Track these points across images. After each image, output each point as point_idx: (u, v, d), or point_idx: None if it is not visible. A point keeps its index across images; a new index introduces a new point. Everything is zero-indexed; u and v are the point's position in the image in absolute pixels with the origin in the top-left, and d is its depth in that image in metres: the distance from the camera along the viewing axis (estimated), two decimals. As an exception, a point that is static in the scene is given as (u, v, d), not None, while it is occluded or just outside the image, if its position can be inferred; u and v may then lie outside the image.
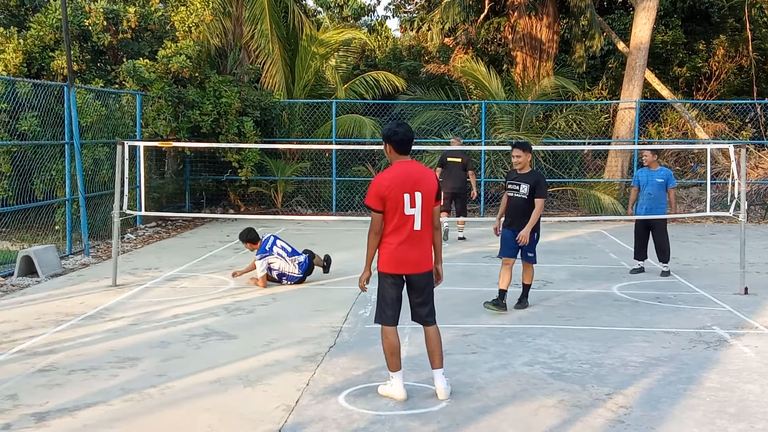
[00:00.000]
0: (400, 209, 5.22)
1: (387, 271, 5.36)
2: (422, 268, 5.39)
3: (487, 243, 13.33)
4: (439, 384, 5.46)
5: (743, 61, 23.10)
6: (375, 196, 5.21)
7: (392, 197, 5.19)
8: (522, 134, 17.63)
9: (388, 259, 5.33)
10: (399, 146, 5.32)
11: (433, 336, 5.49)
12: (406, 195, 5.21)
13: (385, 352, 5.42)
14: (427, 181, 5.31)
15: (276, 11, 19.17)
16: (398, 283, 5.41)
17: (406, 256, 5.30)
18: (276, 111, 17.69)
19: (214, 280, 9.85)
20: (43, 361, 6.35)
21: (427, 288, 5.47)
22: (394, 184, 5.20)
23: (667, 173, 10.26)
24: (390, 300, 5.39)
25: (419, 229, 5.28)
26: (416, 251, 5.32)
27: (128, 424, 5.00)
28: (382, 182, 5.23)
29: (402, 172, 5.26)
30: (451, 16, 21.56)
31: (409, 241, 5.28)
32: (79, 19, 15.19)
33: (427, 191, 5.28)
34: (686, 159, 20.04)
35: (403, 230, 5.26)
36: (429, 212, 5.34)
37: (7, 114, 11.87)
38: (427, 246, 5.39)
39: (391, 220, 5.26)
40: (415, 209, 5.24)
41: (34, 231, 12.25)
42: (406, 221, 5.25)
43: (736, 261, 9.79)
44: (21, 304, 8.54)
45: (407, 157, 5.38)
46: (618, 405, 5.36)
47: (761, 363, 6.35)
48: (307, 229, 15.19)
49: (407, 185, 5.22)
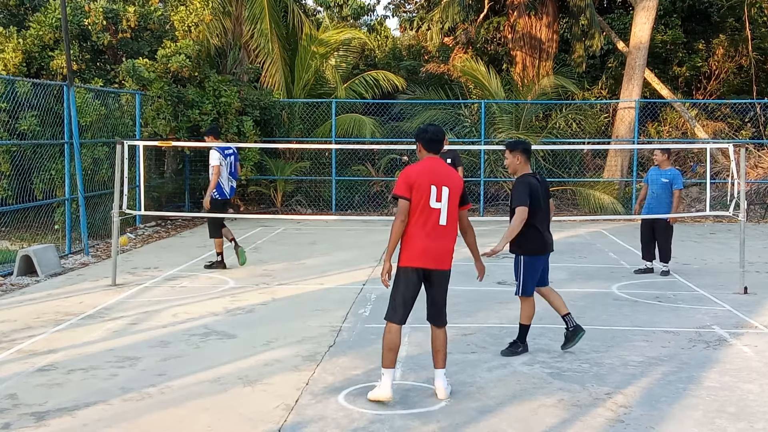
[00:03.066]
0: (425, 199, 5.28)
1: (409, 265, 5.36)
2: (442, 265, 5.41)
3: (487, 243, 13.30)
4: (439, 383, 5.47)
5: (743, 60, 23.10)
6: (403, 184, 5.34)
7: (419, 186, 5.28)
8: (521, 134, 17.62)
9: (412, 251, 5.34)
10: (428, 144, 5.48)
11: (441, 336, 5.50)
12: (433, 187, 5.30)
13: (384, 346, 5.38)
14: (454, 179, 5.42)
15: (276, 11, 19.16)
16: (416, 280, 5.40)
17: (429, 248, 5.32)
18: (275, 110, 17.69)
19: (214, 280, 9.85)
20: (42, 360, 6.35)
21: (444, 286, 5.50)
22: (422, 175, 5.32)
23: (673, 174, 10.12)
24: (405, 298, 5.39)
25: (444, 225, 5.34)
26: (439, 246, 5.35)
27: (128, 423, 5.00)
28: (410, 172, 5.37)
29: (430, 167, 5.40)
30: (451, 16, 21.55)
31: (433, 234, 5.32)
32: (79, 19, 15.18)
33: (453, 188, 5.38)
34: (686, 158, 20.04)
35: (428, 223, 5.32)
36: (455, 210, 5.40)
37: (6, 113, 11.86)
38: (450, 245, 5.42)
39: (415, 210, 5.31)
40: (441, 203, 5.32)
41: (34, 230, 12.25)
42: (431, 214, 5.30)
43: (736, 260, 9.79)
44: (20, 303, 8.54)
45: (437, 156, 5.50)
46: (618, 404, 5.35)
47: (761, 362, 6.36)
48: (306, 228, 15.19)
49: (435, 178, 5.32)
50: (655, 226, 10.16)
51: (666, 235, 10.15)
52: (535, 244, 6.43)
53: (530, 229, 6.34)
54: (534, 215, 6.33)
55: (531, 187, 6.35)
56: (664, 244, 10.13)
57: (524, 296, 6.53)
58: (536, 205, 6.34)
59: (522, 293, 6.52)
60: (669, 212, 10.05)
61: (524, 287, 6.50)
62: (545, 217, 6.52)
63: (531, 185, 6.37)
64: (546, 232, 6.50)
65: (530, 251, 6.45)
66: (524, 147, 6.53)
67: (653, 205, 10.19)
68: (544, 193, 6.54)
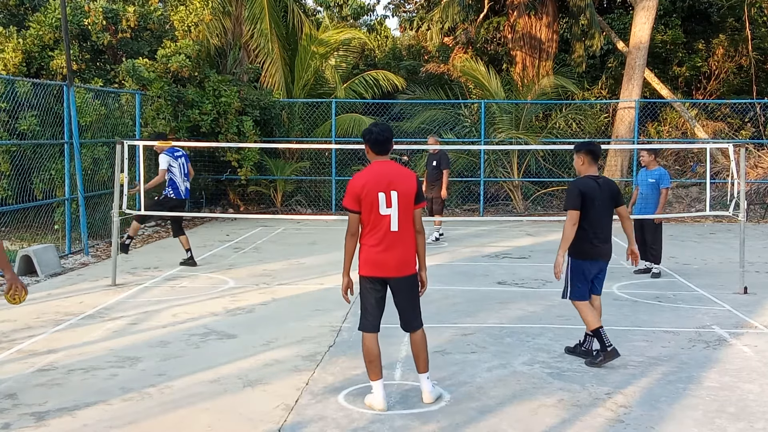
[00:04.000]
0: (375, 209, 5.09)
1: (365, 274, 5.21)
2: (403, 272, 5.20)
3: (487, 242, 13.34)
4: (423, 387, 5.35)
5: (743, 60, 23.09)
6: (350, 196, 5.15)
7: (367, 196, 5.09)
8: (521, 134, 17.63)
9: (365, 262, 5.20)
10: (374, 146, 5.23)
11: (418, 340, 5.33)
12: (381, 194, 5.08)
13: (364, 359, 5.29)
14: (404, 181, 5.16)
15: (275, 11, 19.17)
16: (378, 287, 5.24)
17: (384, 258, 5.14)
18: (275, 110, 17.70)
19: (214, 280, 9.85)
20: (42, 360, 6.35)
21: (411, 293, 5.29)
22: (369, 183, 5.10)
23: (660, 173, 10.09)
24: (369, 305, 5.25)
25: (396, 231, 5.12)
26: (395, 253, 5.14)
27: (127, 423, 5.00)
28: (356, 182, 5.15)
29: (377, 172, 5.16)
30: (451, 16, 21.55)
31: (385, 242, 5.12)
32: (79, 19, 15.18)
33: (404, 191, 5.13)
34: (686, 158, 20.04)
35: (379, 231, 5.12)
36: (407, 213, 5.16)
37: (6, 113, 11.86)
38: (408, 249, 5.20)
39: (367, 220, 5.13)
40: (391, 209, 5.10)
41: (34, 230, 12.25)
42: (382, 221, 5.11)
43: (736, 260, 9.79)
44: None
45: (385, 157, 5.27)
46: (618, 404, 5.35)
47: (761, 362, 6.36)
48: (306, 228, 15.19)
49: (382, 184, 5.10)
50: (644, 226, 10.12)
51: (655, 236, 10.09)
52: (583, 246, 6.19)
53: (580, 231, 6.15)
54: (585, 217, 6.13)
55: (583, 189, 6.13)
56: (653, 244, 10.05)
57: (573, 300, 6.30)
58: (589, 208, 6.12)
59: (568, 296, 6.32)
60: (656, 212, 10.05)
61: (570, 290, 6.29)
62: (601, 221, 6.20)
63: (584, 188, 6.14)
64: (599, 237, 6.20)
65: (577, 254, 6.23)
66: (588, 148, 6.29)
67: (641, 205, 10.21)
68: (607, 196, 6.22)
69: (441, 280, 9.58)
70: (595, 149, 6.33)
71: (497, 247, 12.76)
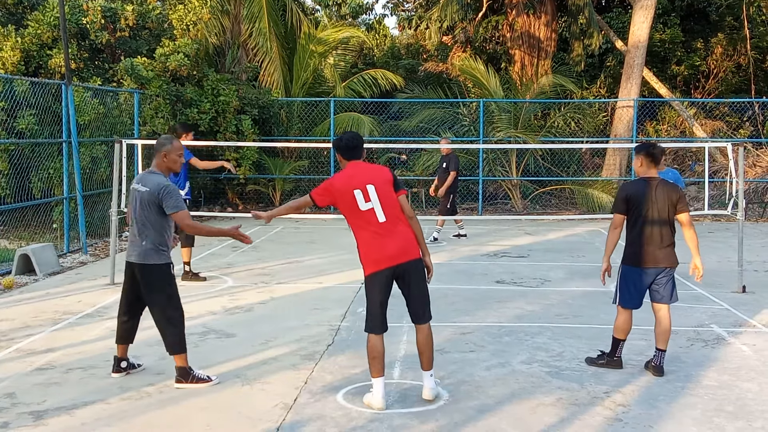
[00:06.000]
0: (354, 206, 5.18)
1: (371, 272, 5.19)
2: (406, 257, 5.20)
3: (485, 241, 13.34)
4: (425, 384, 5.34)
5: (741, 59, 23.10)
6: (321, 189, 5.31)
7: (342, 198, 5.20)
8: (520, 133, 17.63)
9: (367, 260, 5.20)
10: (345, 152, 5.35)
11: (424, 336, 5.30)
12: (357, 191, 5.17)
13: (368, 356, 5.27)
14: (377, 173, 5.30)
15: (274, 9, 19.15)
16: (384, 284, 5.20)
17: (383, 249, 5.14)
18: (274, 109, 17.69)
19: (213, 279, 9.85)
20: (40, 359, 6.34)
21: (418, 278, 5.27)
22: (342, 184, 5.23)
23: (675, 175, 9.58)
24: (374, 306, 5.22)
25: (385, 221, 5.17)
26: (392, 242, 5.15)
27: (126, 422, 5.00)
28: (333, 182, 5.31)
29: (350, 172, 5.29)
30: (450, 15, 21.54)
31: (379, 235, 5.15)
32: (77, 17, 15.16)
33: (380, 182, 5.23)
34: (684, 157, 20.05)
35: (369, 226, 5.17)
36: (391, 203, 5.22)
37: (4, 112, 11.85)
38: (405, 235, 5.22)
39: (352, 220, 5.23)
40: (371, 202, 5.16)
41: (32, 229, 12.24)
42: (366, 216, 5.17)
43: (734, 259, 9.79)
44: (18, 302, 8.53)
45: (358, 161, 5.37)
46: (616, 403, 5.36)
47: (759, 361, 6.36)
48: (305, 227, 15.19)
49: (355, 182, 5.20)
50: None
51: None
52: (631, 252, 6.00)
53: (630, 236, 6.00)
54: (635, 222, 5.94)
55: (630, 193, 5.95)
56: None
57: (620, 306, 6.13)
58: (638, 212, 5.91)
59: (616, 301, 6.16)
60: None
61: (619, 297, 6.11)
62: (652, 226, 5.92)
63: (631, 191, 5.95)
64: (651, 243, 5.92)
65: (626, 259, 6.05)
66: (648, 150, 6.02)
67: None
68: (663, 200, 5.90)
69: (440, 279, 9.58)
70: (655, 152, 6.03)
71: (496, 246, 12.77)
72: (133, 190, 5.79)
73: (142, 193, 5.68)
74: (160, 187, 5.65)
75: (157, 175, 5.76)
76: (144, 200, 5.67)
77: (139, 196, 5.69)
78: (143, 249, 5.67)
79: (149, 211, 5.66)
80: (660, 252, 5.97)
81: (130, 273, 5.78)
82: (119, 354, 5.92)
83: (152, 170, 5.82)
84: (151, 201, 5.65)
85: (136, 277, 5.73)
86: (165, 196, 5.63)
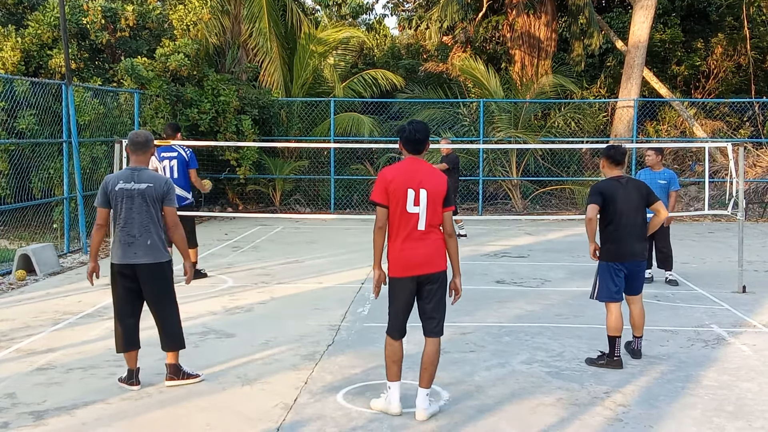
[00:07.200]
0: (402, 205, 4.95)
1: (396, 275, 5.03)
2: (433, 268, 5.02)
3: (485, 241, 13.34)
4: (418, 403, 5.06)
5: (741, 59, 23.09)
6: (379, 188, 5.01)
7: (396, 191, 4.95)
8: (520, 133, 17.63)
9: (395, 263, 5.02)
10: (406, 144, 5.10)
11: (432, 351, 5.09)
12: (410, 190, 4.94)
13: (386, 359, 5.16)
14: (435, 180, 5.01)
15: (274, 9, 19.15)
16: (408, 289, 5.06)
17: (413, 256, 4.98)
18: (274, 109, 17.69)
19: (213, 279, 9.85)
20: (41, 359, 6.34)
21: (439, 292, 5.09)
22: (398, 177, 4.98)
23: (670, 175, 9.76)
24: (398, 309, 5.09)
25: (423, 230, 4.98)
26: (422, 252, 4.99)
27: (126, 422, 5.00)
28: (386, 175, 5.03)
29: (408, 168, 5.04)
30: (450, 15, 21.53)
31: (412, 240, 4.98)
32: (77, 18, 15.17)
33: (433, 190, 4.98)
34: (684, 157, 20.04)
35: (405, 229, 4.97)
36: (435, 214, 5.01)
37: (5, 112, 11.85)
38: (437, 248, 5.04)
39: (393, 217, 4.99)
40: (419, 207, 4.96)
41: (32, 229, 12.24)
42: (409, 219, 4.97)
43: (735, 259, 9.79)
44: (19, 302, 8.53)
45: (419, 156, 5.12)
46: (616, 403, 5.36)
47: (759, 361, 6.36)
48: (305, 227, 15.19)
49: (413, 181, 4.96)
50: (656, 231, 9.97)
51: (666, 239, 9.89)
52: (609, 247, 6.23)
53: (605, 232, 6.25)
54: (610, 218, 6.19)
55: (604, 188, 6.22)
56: (665, 248, 9.71)
57: (600, 301, 6.35)
58: (612, 208, 6.16)
59: (593, 296, 6.37)
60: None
61: (597, 291, 6.33)
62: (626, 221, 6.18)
63: (604, 187, 6.23)
64: (625, 237, 6.17)
65: (603, 254, 6.27)
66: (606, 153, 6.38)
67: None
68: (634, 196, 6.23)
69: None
70: (613, 153, 6.36)
71: (496, 246, 12.77)
72: (122, 190, 5.56)
73: (144, 190, 5.56)
74: (164, 181, 5.67)
75: (148, 171, 5.70)
76: (148, 196, 5.57)
77: (140, 194, 5.55)
78: (149, 248, 5.58)
79: (154, 207, 5.60)
80: (637, 246, 6.25)
81: (131, 274, 5.59)
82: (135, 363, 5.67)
83: (138, 167, 5.67)
84: (156, 197, 5.60)
85: (137, 278, 5.61)
86: (170, 190, 5.66)
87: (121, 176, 5.68)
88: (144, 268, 5.60)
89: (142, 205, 5.58)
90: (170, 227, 5.72)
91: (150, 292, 5.67)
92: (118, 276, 5.65)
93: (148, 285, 5.64)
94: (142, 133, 5.85)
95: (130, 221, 5.58)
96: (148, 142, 5.77)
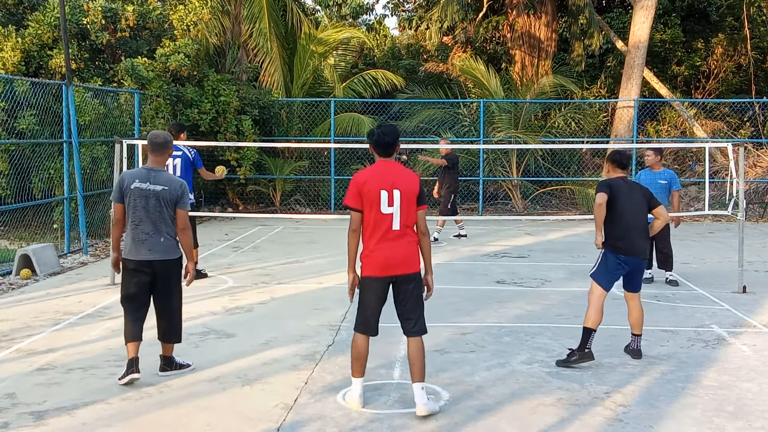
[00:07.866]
0: (376, 206, 5.04)
1: (368, 275, 5.13)
2: (407, 269, 5.11)
3: (486, 241, 13.34)
4: (417, 399, 5.08)
5: (742, 59, 23.09)
6: (352, 192, 5.11)
7: (369, 193, 5.04)
8: (520, 133, 17.63)
9: (368, 263, 5.14)
10: (376, 147, 5.21)
11: (414, 348, 5.15)
12: (384, 192, 5.04)
13: (352, 356, 5.25)
14: (407, 180, 5.12)
15: (274, 10, 19.15)
16: (380, 289, 5.14)
17: (387, 257, 5.06)
18: (274, 109, 17.69)
19: (213, 279, 9.85)
20: (41, 359, 6.34)
21: (414, 293, 5.16)
22: (370, 180, 5.07)
23: (670, 175, 9.77)
24: (368, 307, 5.17)
25: (398, 230, 5.07)
26: (397, 252, 5.07)
27: (127, 422, 5.00)
28: (359, 179, 5.12)
29: (381, 170, 5.15)
30: (450, 15, 21.54)
31: (386, 240, 5.06)
32: (78, 18, 15.17)
33: (406, 190, 5.08)
34: (685, 157, 20.05)
35: (380, 230, 5.06)
36: (409, 213, 5.11)
37: (5, 112, 11.86)
38: (411, 248, 5.13)
39: (368, 218, 5.08)
40: (392, 208, 5.05)
41: (33, 230, 12.25)
42: (383, 220, 5.06)
43: (735, 259, 9.79)
44: (19, 302, 8.53)
45: (390, 159, 5.23)
46: (616, 403, 5.36)
47: (759, 361, 6.36)
48: (305, 227, 15.19)
49: (386, 182, 5.06)
50: None
51: (667, 239, 9.85)
52: (613, 242, 6.31)
53: (609, 227, 6.33)
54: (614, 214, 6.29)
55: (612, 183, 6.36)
56: (666, 248, 9.67)
57: (592, 278, 6.40)
58: (617, 204, 6.28)
59: (591, 274, 6.45)
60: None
61: (595, 269, 6.43)
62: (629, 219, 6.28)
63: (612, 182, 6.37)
64: (627, 234, 6.27)
65: (608, 245, 6.37)
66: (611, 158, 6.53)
67: None
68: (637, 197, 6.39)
69: (440, 279, 9.55)
70: (619, 158, 6.52)
71: (496, 246, 12.77)
72: (138, 189, 5.70)
73: (159, 192, 5.72)
74: (179, 184, 5.83)
75: (165, 173, 5.88)
76: (163, 198, 5.72)
77: (155, 195, 5.71)
78: (164, 245, 5.75)
79: (167, 208, 5.75)
80: (641, 243, 6.34)
81: (147, 269, 5.73)
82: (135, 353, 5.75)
83: (156, 168, 5.85)
84: (171, 199, 5.75)
85: (153, 273, 5.76)
86: (184, 193, 5.82)
87: (138, 175, 5.82)
88: (159, 264, 5.77)
89: (156, 206, 5.73)
90: (180, 229, 5.86)
91: (162, 287, 5.83)
92: (132, 271, 5.81)
93: (161, 280, 5.81)
94: (162, 134, 5.97)
95: (144, 220, 5.74)
96: (167, 143, 5.91)
